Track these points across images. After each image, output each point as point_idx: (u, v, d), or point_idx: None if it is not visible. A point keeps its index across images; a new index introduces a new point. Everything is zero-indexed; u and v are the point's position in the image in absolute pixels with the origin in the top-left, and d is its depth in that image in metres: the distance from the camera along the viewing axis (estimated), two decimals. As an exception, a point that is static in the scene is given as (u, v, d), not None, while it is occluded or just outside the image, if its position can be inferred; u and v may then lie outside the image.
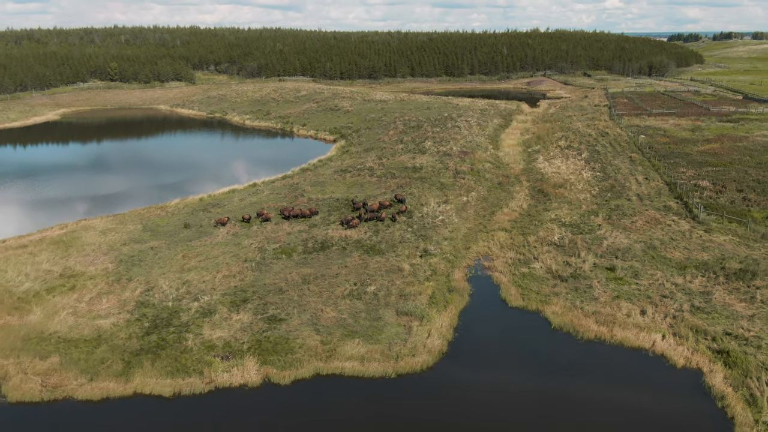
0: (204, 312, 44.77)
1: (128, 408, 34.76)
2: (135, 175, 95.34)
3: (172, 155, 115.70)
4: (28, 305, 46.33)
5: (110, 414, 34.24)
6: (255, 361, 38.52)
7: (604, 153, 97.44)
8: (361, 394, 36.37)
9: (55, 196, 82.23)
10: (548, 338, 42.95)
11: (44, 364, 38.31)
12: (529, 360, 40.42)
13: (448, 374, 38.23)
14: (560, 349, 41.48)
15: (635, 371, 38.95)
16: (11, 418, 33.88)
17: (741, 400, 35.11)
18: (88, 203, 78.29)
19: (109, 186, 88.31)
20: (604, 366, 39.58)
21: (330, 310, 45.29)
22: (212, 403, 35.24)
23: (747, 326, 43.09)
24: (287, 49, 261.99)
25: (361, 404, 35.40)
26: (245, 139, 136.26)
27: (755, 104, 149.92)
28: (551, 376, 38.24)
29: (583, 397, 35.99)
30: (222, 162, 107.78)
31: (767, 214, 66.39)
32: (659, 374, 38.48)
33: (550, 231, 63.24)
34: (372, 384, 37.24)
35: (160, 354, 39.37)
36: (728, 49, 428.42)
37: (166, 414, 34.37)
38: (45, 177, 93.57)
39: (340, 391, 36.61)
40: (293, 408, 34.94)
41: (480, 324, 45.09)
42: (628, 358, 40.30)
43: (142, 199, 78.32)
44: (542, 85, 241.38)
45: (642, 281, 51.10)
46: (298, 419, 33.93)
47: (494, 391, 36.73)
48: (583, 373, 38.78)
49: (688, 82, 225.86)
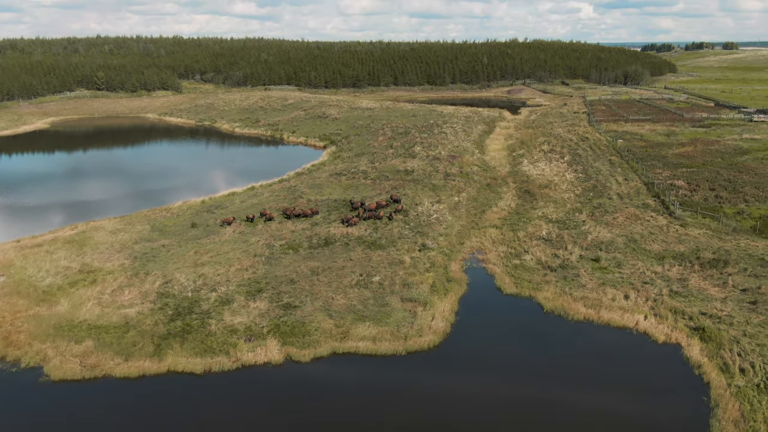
0: (223, 301, 48.00)
1: (164, 384, 37.92)
2: (137, 180, 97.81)
3: (169, 161, 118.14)
4: (53, 297, 49.11)
5: (148, 389, 37.36)
6: (276, 342, 41.91)
7: (585, 156, 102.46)
8: (375, 369, 39.91)
9: (60, 200, 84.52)
10: (542, 320, 46.94)
11: (79, 347, 41.25)
12: (525, 339, 44.36)
13: (453, 351, 41.97)
14: (553, 329, 45.48)
15: (621, 347, 43.04)
16: (57, 394, 36.79)
17: (716, 368, 39.35)
18: (96, 207, 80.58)
19: (115, 190, 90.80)
20: (593, 342, 43.63)
21: (340, 298, 48.83)
22: (241, 378, 38.53)
23: (720, 307, 47.51)
24: (272, 58, 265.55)
25: (377, 378, 38.95)
26: (237, 146, 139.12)
27: (726, 111, 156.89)
28: (546, 351, 42.22)
29: (575, 368, 39.96)
30: (218, 167, 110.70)
31: (737, 210, 71.48)
32: (643, 349, 42.60)
33: (538, 227, 67.50)
34: (385, 360, 40.83)
35: (186, 337, 42.54)
36: (700, 59, 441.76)
37: (199, 389, 37.56)
38: (45, 183, 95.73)
39: (356, 366, 40.14)
40: (315, 382, 38.35)
41: (478, 309, 48.97)
42: (615, 336, 44.40)
43: (149, 202, 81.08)
44: (522, 94, 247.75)
45: (624, 270, 55.42)
46: (320, 391, 37.34)
47: (496, 365, 40.54)
48: (574, 348, 42.78)
49: (662, 90, 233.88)
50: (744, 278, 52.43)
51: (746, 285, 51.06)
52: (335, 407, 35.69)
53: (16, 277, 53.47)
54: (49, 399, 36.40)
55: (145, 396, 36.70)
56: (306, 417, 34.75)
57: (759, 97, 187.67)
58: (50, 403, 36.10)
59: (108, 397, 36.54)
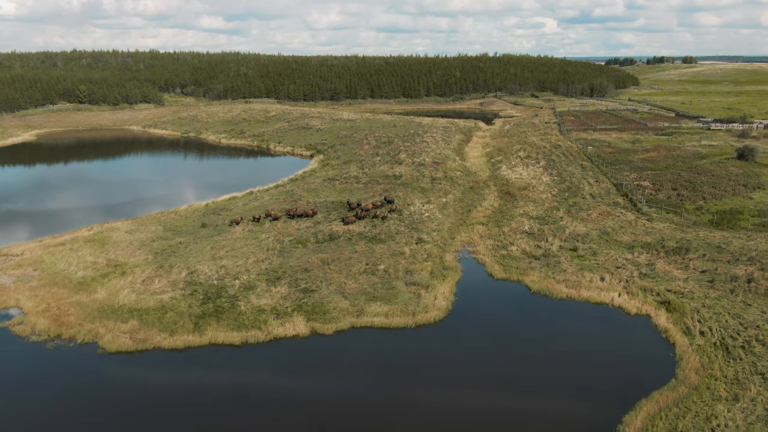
0: (246, 287, 53.46)
1: (208, 354, 43.28)
2: (141, 186, 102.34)
3: (165, 170, 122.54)
4: (89, 287, 53.94)
5: (195, 358, 42.67)
6: (302, 318, 47.62)
7: (559, 162, 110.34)
8: (390, 339, 45.88)
9: (70, 206, 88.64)
10: (530, 299, 53.57)
11: (126, 326, 46.33)
12: (517, 313, 50.89)
13: (456, 324, 48.20)
14: (540, 306, 52.10)
15: (599, 318, 49.82)
16: (115, 363, 41.87)
17: (680, 332, 46.32)
18: (105, 211, 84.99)
19: (126, 196, 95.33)
20: (576, 315, 50.32)
21: (351, 283, 54.72)
22: (275, 348, 44.12)
23: (683, 285, 54.75)
24: (251, 72, 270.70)
25: (393, 346, 44.89)
26: (226, 155, 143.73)
27: (686, 120, 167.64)
28: (537, 322, 48.83)
29: (562, 336, 46.53)
30: (212, 175, 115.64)
31: (697, 206, 79.58)
32: (617, 319, 49.45)
33: (520, 223, 74.42)
34: (398, 332, 46.84)
35: (221, 317, 47.94)
36: (661, 73, 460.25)
37: (239, 357, 43.02)
38: (48, 190, 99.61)
39: (373, 337, 46.04)
40: (339, 350, 44.12)
41: (474, 291, 55.38)
42: (593, 310, 51.19)
43: (157, 206, 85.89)
44: (494, 106, 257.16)
45: (599, 258, 62.49)
46: (345, 357, 43.13)
47: (495, 335, 46.90)
48: (559, 320, 49.38)
49: (626, 101, 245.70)
50: (703, 262, 59.88)
51: (705, 267, 58.49)
52: (359, 371, 41.49)
53: (49, 270, 58.07)
54: (108, 367, 41.42)
55: (193, 365, 41.98)
56: (334, 380, 40.46)
57: (716, 108, 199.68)
58: (109, 370, 41.13)
59: (160, 365, 41.75)
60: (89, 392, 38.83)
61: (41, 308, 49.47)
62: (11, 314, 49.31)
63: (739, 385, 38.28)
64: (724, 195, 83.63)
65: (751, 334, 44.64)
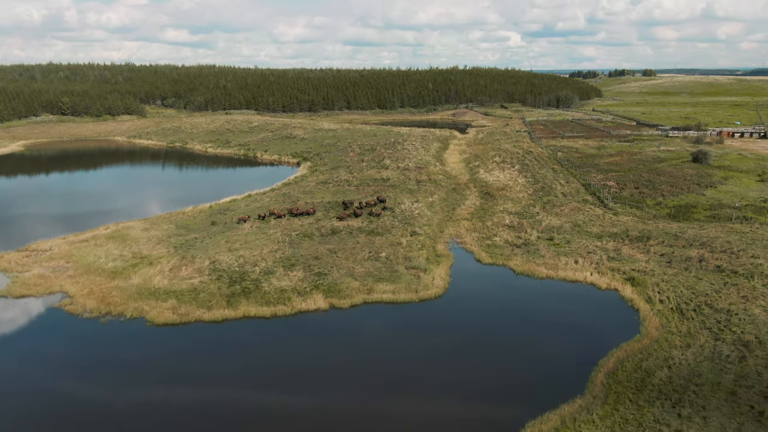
0: (266, 272, 60.24)
1: (243, 325, 50.01)
2: (147, 192, 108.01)
3: (158, 177, 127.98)
4: (123, 274, 60.07)
5: (232, 328, 49.36)
6: (321, 296, 54.67)
7: (532, 165, 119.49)
8: (399, 311, 53.25)
9: (80, 210, 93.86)
10: (515, 279, 61.56)
11: (166, 304, 52.73)
12: (505, 290, 58.81)
13: (454, 299, 55.84)
14: (524, 284, 60.11)
15: (575, 293, 57.99)
16: (165, 333, 48.33)
17: (643, 301, 54.71)
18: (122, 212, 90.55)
19: (136, 199, 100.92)
20: (555, 290, 58.43)
21: (359, 268, 61.97)
22: (300, 320, 51.07)
23: (645, 266, 63.40)
24: (230, 84, 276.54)
25: (401, 317, 52.26)
26: (215, 164, 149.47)
27: (646, 128, 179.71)
28: (522, 296, 56.81)
29: (545, 306, 54.54)
30: (207, 181, 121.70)
31: (657, 202, 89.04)
32: (591, 293, 57.69)
33: (501, 218, 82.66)
34: (404, 306, 54.25)
35: (248, 296, 54.67)
36: (622, 85, 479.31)
37: (271, 327, 49.85)
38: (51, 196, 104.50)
39: (384, 310, 53.34)
40: (356, 321, 51.31)
41: (466, 273, 63.15)
42: (570, 287, 59.35)
43: (166, 207, 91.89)
44: (466, 116, 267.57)
45: (573, 245, 70.92)
46: (361, 325, 50.33)
47: (487, 306, 54.67)
48: (541, 295, 57.41)
49: (591, 112, 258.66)
50: (662, 247, 68.76)
51: (663, 251, 67.35)
52: (374, 338, 48.73)
53: (81, 262, 63.93)
54: (158, 338, 47.85)
55: (232, 334, 48.68)
56: (354, 345, 47.61)
57: (674, 117, 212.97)
58: (159, 340, 47.56)
59: (204, 335, 48.37)
60: (146, 354, 45.30)
61: (85, 291, 55.52)
62: (59, 298, 55.20)
63: (690, 337, 46.67)
64: (680, 192, 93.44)
65: (701, 300, 53.28)
